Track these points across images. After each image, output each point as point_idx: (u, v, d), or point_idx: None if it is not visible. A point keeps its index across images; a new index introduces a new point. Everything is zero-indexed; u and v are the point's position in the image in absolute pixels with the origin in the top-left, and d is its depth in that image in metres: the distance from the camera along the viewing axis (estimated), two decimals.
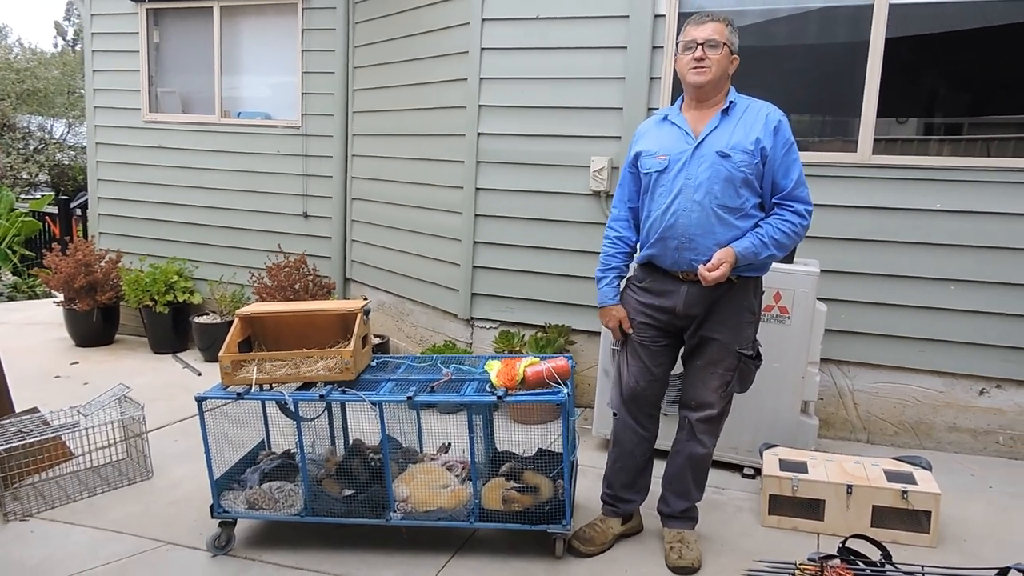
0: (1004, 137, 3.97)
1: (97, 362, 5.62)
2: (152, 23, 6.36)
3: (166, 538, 3.00)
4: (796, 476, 3.06)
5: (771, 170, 2.60)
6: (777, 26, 4.08)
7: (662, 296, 2.72)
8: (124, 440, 3.57)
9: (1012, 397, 3.82)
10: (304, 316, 3.09)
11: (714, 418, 2.78)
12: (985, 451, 3.89)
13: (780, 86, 4.09)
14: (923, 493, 2.94)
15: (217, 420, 2.92)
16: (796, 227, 2.61)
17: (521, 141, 4.47)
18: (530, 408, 3.98)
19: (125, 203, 6.57)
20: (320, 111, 5.82)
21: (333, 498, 2.88)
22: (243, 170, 6.10)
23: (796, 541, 2.98)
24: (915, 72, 4.06)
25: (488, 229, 4.63)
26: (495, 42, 4.46)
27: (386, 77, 5.35)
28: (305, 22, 5.78)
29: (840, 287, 3.91)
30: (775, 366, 3.40)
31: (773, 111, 2.63)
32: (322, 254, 5.89)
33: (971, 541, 3.02)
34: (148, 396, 4.21)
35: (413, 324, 5.32)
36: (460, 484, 2.89)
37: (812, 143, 4.04)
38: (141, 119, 6.41)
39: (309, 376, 2.84)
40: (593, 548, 2.86)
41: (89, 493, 3.36)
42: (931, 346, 3.87)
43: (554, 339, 4.29)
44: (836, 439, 4.06)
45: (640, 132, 2.81)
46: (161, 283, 5.82)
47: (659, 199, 2.65)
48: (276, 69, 6.07)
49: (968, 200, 3.74)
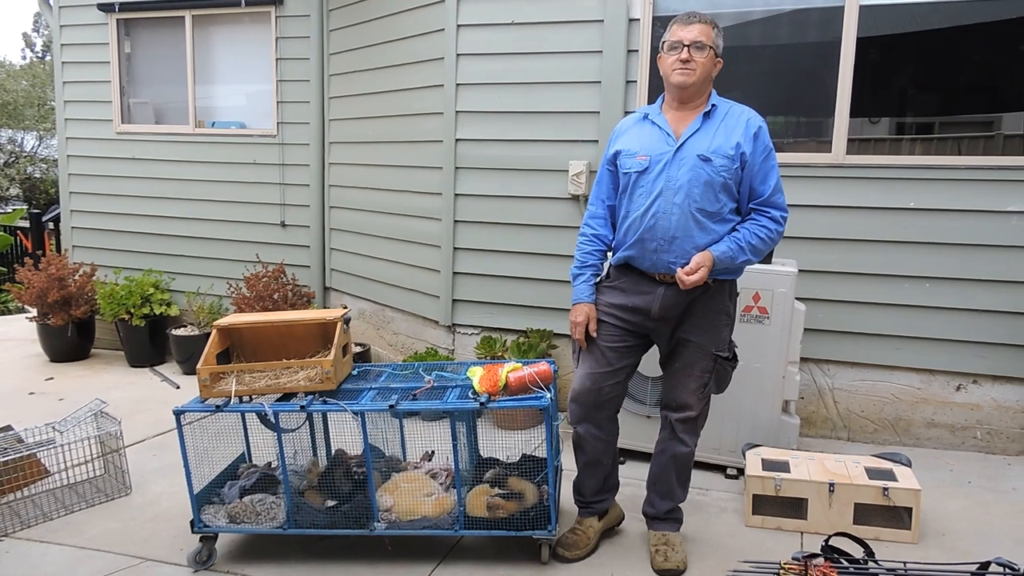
0: (974, 136, 4.03)
1: (73, 377, 5.53)
2: (123, 33, 6.29)
3: (146, 555, 2.95)
4: (779, 476, 3.08)
5: (749, 175, 2.61)
6: (750, 28, 4.12)
7: (636, 297, 2.71)
8: (101, 456, 3.51)
9: (988, 392, 3.87)
10: (283, 326, 3.06)
11: (693, 419, 2.79)
12: (963, 446, 3.93)
13: (754, 87, 4.13)
14: (904, 490, 2.97)
15: (196, 434, 2.88)
16: (772, 233, 2.63)
17: (499, 146, 4.47)
18: (513, 414, 3.97)
19: (99, 215, 6.49)
20: (296, 119, 5.78)
21: (316, 509, 2.85)
22: (219, 180, 6.04)
23: (780, 540, 2.99)
24: (886, 73, 4.12)
25: (468, 235, 4.62)
26: (471, 48, 4.46)
27: (362, 84, 5.33)
28: (279, 30, 5.75)
29: (818, 286, 3.94)
30: (756, 366, 3.42)
31: (754, 116, 2.64)
32: (301, 263, 5.85)
33: (952, 536, 3.05)
34: (125, 411, 4.15)
35: (394, 332, 5.30)
36: (444, 492, 2.88)
37: (787, 144, 4.08)
38: (113, 130, 6.33)
39: (289, 387, 2.81)
40: (579, 552, 2.85)
41: (66, 511, 3.30)
42: (908, 343, 3.92)
43: (536, 344, 4.29)
44: (817, 437, 4.09)
45: (619, 130, 2.79)
46: (137, 296, 5.74)
47: (638, 200, 2.65)
48: (250, 78, 6.03)
49: (941, 198, 3.79)
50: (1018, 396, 3.82)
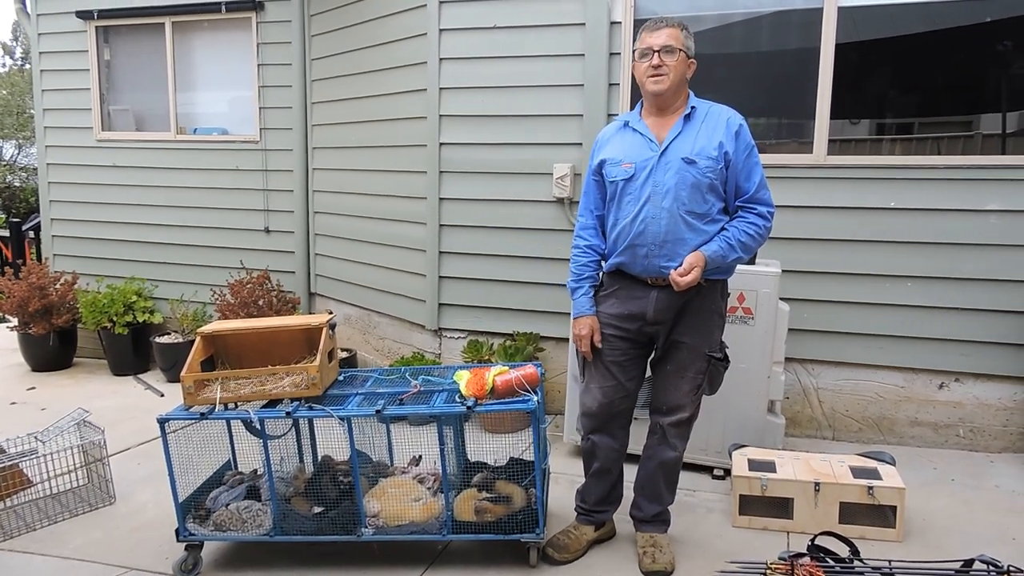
0: (953, 135, 4.08)
1: (55, 387, 5.47)
2: (102, 40, 6.24)
3: (131, 564, 2.92)
4: (765, 476, 3.09)
5: (734, 174, 2.62)
6: (731, 31, 4.15)
7: (631, 303, 2.72)
8: (85, 466, 3.48)
9: (970, 390, 3.91)
10: (268, 332, 3.04)
11: (686, 421, 2.80)
12: (946, 444, 3.97)
13: (736, 90, 4.15)
14: (888, 488, 2.99)
15: (181, 442, 2.86)
16: (761, 229, 2.65)
17: (483, 150, 4.47)
18: (501, 417, 3.97)
19: (80, 224, 6.43)
20: (279, 125, 5.76)
21: (303, 516, 2.83)
22: (202, 187, 6.01)
23: (767, 540, 3.01)
24: (866, 74, 4.16)
25: (453, 239, 4.62)
26: (454, 52, 4.46)
27: (345, 89, 5.32)
28: (260, 36, 5.72)
29: (801, 287, 3.96)
30: (741, 367, 3.43)
31: (733, 115, 2.66)
32: (286, 269, 5.82)
33: (936, 534, 3.07)
34: (109, 420, 4.11)
35: (380, 336, 5.28)
36: (432, 496, 2.87)
37: (769, 145, 4.11)
38: (94, 138, 6.29)
39: (275, 393, 2.79)
40: (567, 555, 2.85)
41: (50, 521, 3.27)
42: (891, 342, 3.95)
43: (523, 347, 4.29)
44: (803, 437, 4.11)
45: (602, 140, 2.81)
46: (119, 304, 5.69)
47: (627, 207, 2.66)
48: (232, 84, 6.00)
49: (921, 198, 3.82)
50: (1000, 394, 3.86)
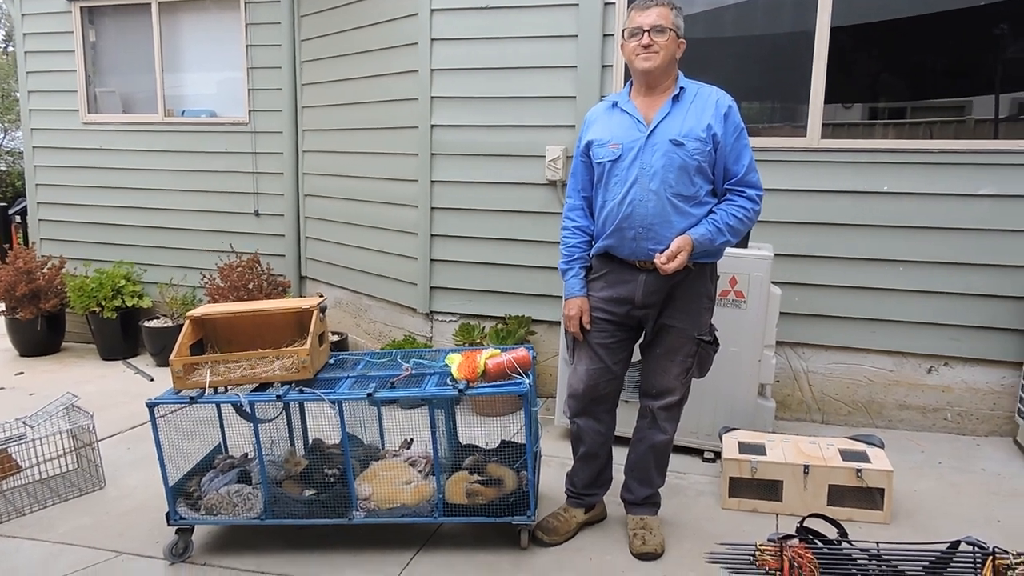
0: (946, 120, 4.08)
1: (43, 372, 5.44)
2: (87, 21, 6.16)
3: (121, 548, 2.91)
4: (755, 458, 3.11)
5: (723, 156, 2.60)
6: (725, 14, 4.13)
7: (619, 287, 2.71)
8: (74, 450, 3.46)
9: (959, 374, 3.93)
10: (258, 316, 3.02)
11: (676, 404, 2.80)
12: (934, 428, 4.00)
13: (730, 73, 4.12)
14: (876, 471, 3.01)
15: (170, 425, 2.84)
16: (749, 212, 2.63)
17: (475, 132, 4.44)
18: (492, 400, 3.97)
19: (67, 207, 6.37)
20: (268, 107, 5.71)
21: (294, 499, 2.83)
22: (190, 169, 5.95)
23: (756, 522, 3.02)
24: (860, 58, 4.15)
25: (445, 222, 4.59)
26: (445, 32, 4.42)
27: (335, 71, 5.27)
28: (249, 16, 5.65)
29: (793, 270, 3.97)
30: (732, 350, 3.44)
31: (723, 96, 2.63)
32: (276, 252, 5.79)
33: (923, 516, 3.10)
34: (98, 404, 4.09)
35: (372, 320, 5.27)
36: (423, 479, 2.87)
37: (762, 129, 4.10)
38: (80, 121, 6.21)
39: (265, 377, 2.78)
40: (557, 538, 2.86)
41: (39, 506, 3.25)
42: (881, 326, 3.97)
43: (515, 330, 4.28)
44: (792, 420, 4.14)
45: (590, 119, 2.77)
46: (108, 288, 5.65)
47: (614, 189, 2.64)
48: (220, 65, 5.93)
49: (914, 182, 3.82)
50: (988, 378, 3.89)
